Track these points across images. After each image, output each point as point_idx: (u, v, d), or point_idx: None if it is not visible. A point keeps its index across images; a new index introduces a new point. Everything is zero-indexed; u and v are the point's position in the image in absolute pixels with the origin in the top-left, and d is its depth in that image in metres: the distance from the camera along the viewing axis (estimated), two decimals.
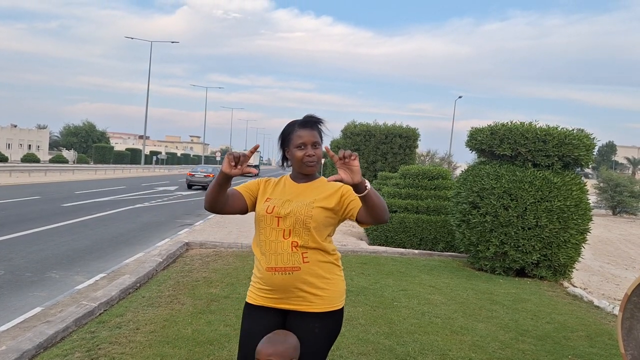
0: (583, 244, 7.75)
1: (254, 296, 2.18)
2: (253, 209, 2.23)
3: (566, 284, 7.45)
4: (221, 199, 2.07)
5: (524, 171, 7.59)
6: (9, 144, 66.70)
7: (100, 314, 4.68)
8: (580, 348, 4.52)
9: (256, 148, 1.94)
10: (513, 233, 7.46)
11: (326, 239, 2.14)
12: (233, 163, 1.91)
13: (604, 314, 5.83)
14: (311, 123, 2.16)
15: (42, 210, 13.26)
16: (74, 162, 56.60)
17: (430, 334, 4.58)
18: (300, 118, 2.21)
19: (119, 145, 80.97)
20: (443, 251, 9.75)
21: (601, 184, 25.59)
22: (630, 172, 75.28)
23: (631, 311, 3.04)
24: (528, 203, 7.40)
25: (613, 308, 5.93)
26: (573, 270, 7.95)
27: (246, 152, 1.92)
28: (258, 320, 2.14)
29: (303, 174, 2.20)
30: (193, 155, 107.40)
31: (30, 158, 50.00)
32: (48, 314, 4.83)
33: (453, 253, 9.42)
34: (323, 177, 2.23)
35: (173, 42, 49.55)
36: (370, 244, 10.41)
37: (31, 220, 11.19)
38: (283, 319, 2.14)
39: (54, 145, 77.91)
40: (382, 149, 18.02)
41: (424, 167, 11.14)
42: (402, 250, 9.37)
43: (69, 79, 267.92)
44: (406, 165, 12.34)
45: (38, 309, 5.05)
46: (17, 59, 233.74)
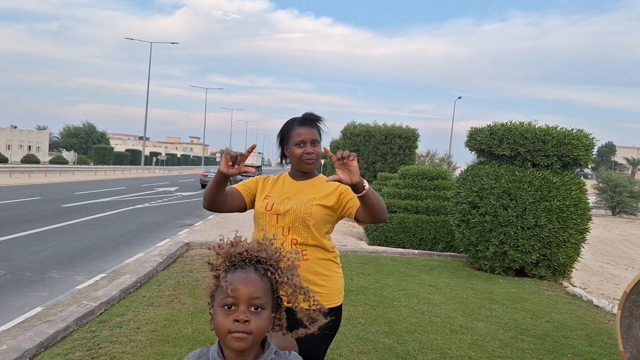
0: (582, 244, 7.76)
1: None
2: (252, 207, 2.24)
3: (565, 284, 7.46)
4: (219, 198, 2.09)
5: (523, 171, 7.60)
6: (9, 145, 66.74)
7: (100, 314, 4.70)
8: (579, 347, 4.53)
9: (253, 147, 1.95)
10: (512, 233, 7.47)
11: (325, 236, 2.15)
12: (230, 163, 1.93)
13: (604, 313, 5.84)
14: (310, 120, 2.18)
15: (43, 210, 13.27)
16: (74, 163, 56.63)
17: (430, 333, 4.59)
18: (299, 116, 2.23)
19: (119, 146, 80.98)
20: (443, 251, 9.76)
21: (600, 185, 25.61)
22: (629, 173, 75.33)
23: (630, 309, 3.06)
24: (527, 203, 7.41)
25: (612, 307, 5.94)
26: (572, 269, 7.96)
27: (243, 152, 1.94)
28: None
29: (302, 172, 2.21)
30: (193, 156, 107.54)
31: (30, 159, 50.03)
32: (49, 314, 4.84)
33: (453, 253, 9.43)
34: (322, 175, 2.25)
35: (173, 43, 49.69)
36: (370, 244, 10.42)
37: (31, 220, 11.21)
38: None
39: (54, 146, 77.97)
40: (382, 150, 18.02)
41: (424, 168, 11.15)
42: (402, 250, 9.38)
43: (69, 80, 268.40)
44: (406, 165, 12.36)
45: (39, 309, 5.06)
46: (17, 60, 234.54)
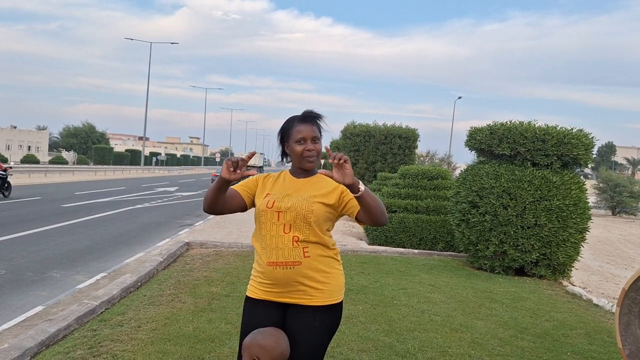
0: (582, 243, 7.77)
1: (255, 290, 2.20)
2: (252, 206, 2.25)
3: (565, 283, 7.47)
4: (220, 202, 2.11)
5: (523, 170, 7.61)
6: (9, 145, 66.78)
7: (101, 312, 4.71)
8: (579, 345, 4.54)
9: (253, 154, 1.98)
10: (512, 232, 7.48)
11: (326, 233, 2.17)
12: (232, 168, 1.94)
13: (603, 312, 5.86)
14: (310, 118, 2.19)
15: (43, 210, 13.28)
16: (74, 163, 56.68)
17: (429, 332, 4.61)
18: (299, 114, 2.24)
19: (119, 146, 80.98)
20: (443, 251, 9.78)
21: (600, 184, 25.62)
22: (629, 173, 75.35)
23: (629, 306, 3.07)
24: (527, 202, 7.42)
25: (612, 306, 5.95)
26: (572, 269, 7.98)
27: (244, 157, 1.96)
28: (259, 313, 2.17)
29: (303, 169, 2.22)
30: (193, 156, 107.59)
31: (30, 159, 50.06)
32: (50, 313, 4.85)
33: (452, 252, 9.45)
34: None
35: (173, 43, 49.72)
36: (370, 244, 10.43)
37: (32, 220, 11.22)
38: (283, 313, 2.16)
39: (54, 146, 77.95)
40: (382, 150, 18.03)
41: (424, 167, 11.17)
42: (402, 249, 9.40)
43: (69, 80, 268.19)
44: (406, 165, 12.38)
45: (39, 308, 5.08)
46: (17, 60, 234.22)
